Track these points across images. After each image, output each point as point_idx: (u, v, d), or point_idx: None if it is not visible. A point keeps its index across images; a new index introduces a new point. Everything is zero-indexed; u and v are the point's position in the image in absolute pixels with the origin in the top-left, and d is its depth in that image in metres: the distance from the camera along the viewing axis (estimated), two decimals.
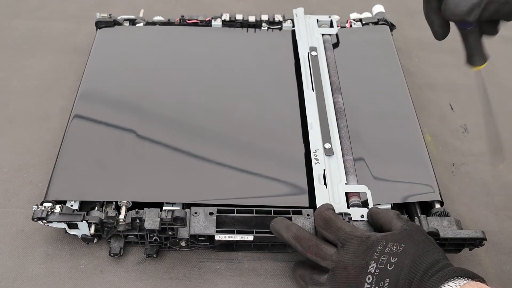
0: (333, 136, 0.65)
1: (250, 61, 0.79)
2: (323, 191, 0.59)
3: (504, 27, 0.56)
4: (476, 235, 0.56)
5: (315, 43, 0.79)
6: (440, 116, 0.80)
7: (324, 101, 0.70)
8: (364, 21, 0.86)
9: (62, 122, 0.71)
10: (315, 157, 0.62)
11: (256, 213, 0.57)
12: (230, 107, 0.71)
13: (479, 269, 0.60)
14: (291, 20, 0.85)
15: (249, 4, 0.99)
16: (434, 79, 0.86)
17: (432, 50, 0.92)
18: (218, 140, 0.66)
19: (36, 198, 0.64)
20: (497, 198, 0.68)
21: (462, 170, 0.72)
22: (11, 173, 0.68)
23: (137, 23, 0.84)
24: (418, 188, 0.62)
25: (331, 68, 0.76)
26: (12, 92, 0.79)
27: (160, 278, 0.58)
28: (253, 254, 0.61)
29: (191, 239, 0.57)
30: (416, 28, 0.96)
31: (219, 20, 0.84)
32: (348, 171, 0.62)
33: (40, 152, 0.70)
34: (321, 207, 0.55)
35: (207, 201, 0.59)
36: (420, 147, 0.67)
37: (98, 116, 0.69)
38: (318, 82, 0.72)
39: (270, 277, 0.59)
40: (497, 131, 0.61)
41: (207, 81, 0.74)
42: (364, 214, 0.57)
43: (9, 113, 0.76)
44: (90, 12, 0.92)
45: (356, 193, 0.60)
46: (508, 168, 0.72)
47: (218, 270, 0.59)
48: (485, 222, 0.66)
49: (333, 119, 0.67)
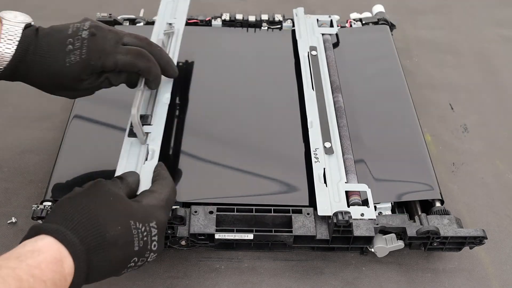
0: (333, 135, 0.65)
1: (250, 60, 0.79)
2: (323, 190, 0.59)
3: (504, 27, 0.56)
4: (477, 234, 0.56)
5: (315, 43, 0.79)
6: (440, 116, 0.80)
7: (324, 100, 0.70)
8: (364, 21, 0.86)
9: (62, 122, 0.71)
10: (315, 156, 0.62)
11: (256, 212, 0.57)
12: (230, 106, 0.71)
13: (480, 268, 0.61)
14: (291, 20, 0.85)
15: (249, 4, 0.99)
16: (434, 79, 0.86)
17: (432, 50, 0.92)
18: (218, 139, 0.66)
19: (36, 197, 0.64)
20: (497, 198, 0.68)
21: (462, 169, 0.72)
22: (11, 172, 0.68)
23: (137, 23, 0.84)
24: (418, 187, 0.62)
25: (331, 68, 0.76)
26: (12, 92, 0.79)
27: (160, 277, 0.58)
28: (253, 253, 0.61)
29: (191, 238, 0.57)
30: (416, 28, 0.96)
31: (219, 20, 0.84)
32: (348, 169, 0.62)
33: (40, 152, 0.70)
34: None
35: (206, 200, 0.59)
36: (420, 147, 0.67)
37: (98, 116, 0.69)
38: (318, 82, 0.72)
39: (270, 276, 0.59)
40: None
41: (207, 81, 0.74)
42: (364, 213, 0.57)
43: (9, 113, 0.76)
44: (90, 12, 0.92)
45: (356, 192, 0.60)
46: (508, 168, 0.72)
47: (218, 269, 0.59)
48: (485, 221, 0.66)
49: (333, 118, 0.67)
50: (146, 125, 0.60)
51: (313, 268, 0.60)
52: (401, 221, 0.58)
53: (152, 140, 0.59)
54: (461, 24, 0.98)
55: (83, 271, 0.42)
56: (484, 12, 1.00)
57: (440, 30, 0.96)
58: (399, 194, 0.61)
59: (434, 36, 0.95)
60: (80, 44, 0.54)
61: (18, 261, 0.39)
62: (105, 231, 0.43)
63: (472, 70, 0.88)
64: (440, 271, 0.60)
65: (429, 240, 0.57)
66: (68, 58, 0.54)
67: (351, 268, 0.60)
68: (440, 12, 1.01)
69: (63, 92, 0.58)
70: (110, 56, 0.55)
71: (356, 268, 0.60)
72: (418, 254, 0.61)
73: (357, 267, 0.60)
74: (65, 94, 0.58)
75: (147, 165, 0.56)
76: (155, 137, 0.59)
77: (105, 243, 0.43)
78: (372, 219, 0.56)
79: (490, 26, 0.97)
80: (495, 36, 0.95)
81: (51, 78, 0.55)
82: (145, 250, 0.46)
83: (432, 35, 0.95)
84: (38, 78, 0.55)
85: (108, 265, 0.44)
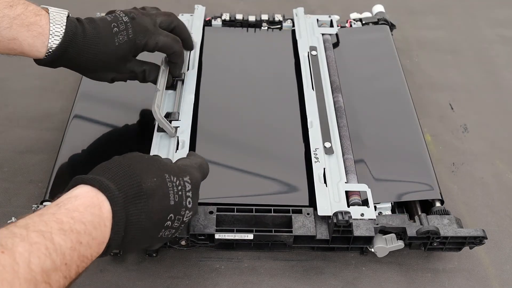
0: (333, 135, 0.65)
1: (250, 60, 0.79)
2: (323, 190, 0.59)
3: (504, 27, 0.56)
4: (477, 234, 0.56)
5: (315, 43, 0.79)
6: (440, 116, 0.80)
7: (324, 100, 0.70)
8: (364, 21, 0.86)
9: (62, 122, 0.71)
10: (315, 156, 0.62)
11: (256, 212, 0.57)
12: (229, 106, 0.71)
13: (480, 268, 0.60)
14: (291, 20, 0.85)
15: (249, 4, 0.99)
16: (434, 79, 0.86)
17: (432, 50, 0.92)
18: (218, 139, 0.67)
19: (36, 197, 0.64)
20: (497, 198, 0.68)
21: (462, 169, 0.72)
22: (11, 172, 0.68)
23: None
24: (418, 187, 0.62)
25: (331, 68, 0.76)
26: (12, 92, 0.79)
27: (160, 277, 0.58)
28: (253, 253, 0.60)
29: (191, 238, 0.57)
30: (416, 28, 0.96)
31: (219, 20, 0.85)
32: (348, 170, 0.62)
33: (40, 152, 0.70)
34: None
35: (206, 200, 0.59)
36: (420, 147, 0.67)
37: (98, 116, 0.69)
38: (318, 82, 0.72)
39: (270, 276, 0.59)
40: None
41: (207, 81, 0.74)
42: (364, 213, 0.57)
43: (9, 113, 0.76)
44: (90, 12, 0.92)
45: (356, 192, 0.60)
46: (508, 168, 0.72)
47: (218, 269, 0.59)
48: (485, 221, 0.66)
49: (333, 118, 0.68)
50: (175, 121, 0.64)
51: (313, 268, 0.60)
52: (401, 221, 0.58)
53: (181, 132, 0.63)
54: (461, 24, 0.98)
55: (121, 219, 0.42)
56: (484, 12, 1.00)
57: (440, 30, 0.96)
58: (399, 194, 0.61)
59: (434, 36, 0.95)
60: (125, 26, 0.59)
61: (57, 207, 0.40)
62: (141, 181, 0.44)
63: (472, 70, 0.88)
64: (440, 271, 0.60)
65: (429, 240, 0.57)
66: (117, 38, 0.58)
67: (351, 268, 0.60)
68: (440, 12, 1.01)
69: (106, 74, 0.62)
70: (153, 36, 0.61)
71: (356, 268, 0.60)
72: (418, 254, 0.61)
73: (357, 267, 0.60)
74: (106, 77, 0.62)
75: (179, 154, 0.59)
76: (184, 129, 0.63)
77: (142, 193, 0.44)
78: (372, 219, 0.56)
79: (490, 26, 0.97)
80: (495, 36, 0.95)
81: (100, 58, 0.59)
82: (181, 206, 0.47)
83: (432, 35, 0.95)
84: (86, 59, 0.58)
85: (145, 219, 0.44)
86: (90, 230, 0.40)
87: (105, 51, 0.58)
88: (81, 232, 0.39)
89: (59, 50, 0.56)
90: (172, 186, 0.46)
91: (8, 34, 0.54)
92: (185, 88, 0.69)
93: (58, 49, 0.56)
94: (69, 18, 0.57)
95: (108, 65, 0.60)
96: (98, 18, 0.60)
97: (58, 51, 0.56)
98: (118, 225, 0.42)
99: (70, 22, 0.57)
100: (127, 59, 0.61)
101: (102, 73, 0.62)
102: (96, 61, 0.59)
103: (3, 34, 0.54)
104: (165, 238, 0.48)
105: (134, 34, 0.59)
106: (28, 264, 0.35)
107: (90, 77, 0.63)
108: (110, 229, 0.42)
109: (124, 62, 0.61)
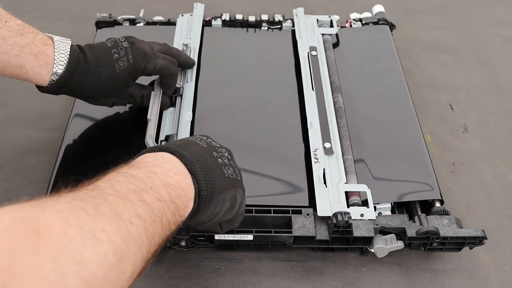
0: (333, 135, 0.65)
1: (250, 61, 0.79)
2: (323, 191, 0.59)
3: (504, 27, 0.56)
4: (477, 234, 0.56)
5: (315, 43, 0.79)
6: (440, 116, 0.80)
7: (324, 100, 0.70)
8: (364, 21, 0.86)
9: (62, 122, 0.71)
10: (315, 156, 0.62)
11: (255, 212, 0.57)
12: (229, 106, 0.71)
13: (479, 269, 0.61)
14: (291, 20, 0.85)
15: (249, 4, 0.99)
16: (434, 79, 0.86)
17: (432, 50, 0.92)
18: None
19: (36, 198, 0.64)
20: (497, 198, 0.68)
21: (462, 169, 0.72)
22: (11, 172, 0.68)
23: (137, 23, 0.84)
24: (418, 187, 0.62)
25: (331, 68, 0.76)
26: (12, 92, 0.79)
27: (161, 277, 0.58)
28: (253, 253, 0.61)
29: (191, 239, 0.57)
30: (416, 28, 0.96)
31: (219, 20, 0.84)
32: (348, 170, 0.62)
33: (40, 152, 0.70)
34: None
35: None
36: (420, 147, 0.67)
37: (98, 115, 0.69)
38: (318, 82, 0.72)
39: (270, 276, 0.59)
40: None
41: (206, 81, 0.74)
42: (364, 213, 0.57)
43: (9, 113, 0.76)
44: (90, 12, 0.92)
45: (356, 192, 0.60)
46: (508, 168, 0.72)
47: (218, 270, 0.59)
48: (485, 221, 0.66)
49: (333, 119, 0.67)
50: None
51: (313, 269, 0.60)
52: (401, 221, 0.58)
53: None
54: (461, 24, 0.98)
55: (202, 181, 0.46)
56: (484, 12, 1.00)
57: (440, 30, 0.96)
58: (399, 194, 0.61)
59: (434, 36, 0.95)
60: (125, 52, 0.60)
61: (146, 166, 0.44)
62: (205, 157, 0.47)
63: (472, 70, 0.88)
64: (440, 271, 0.60)
65: (429, 241, 0.57)
66: (118, 64, 0.60)
67: (351, 269, 0.60)
68: (440, 12, 1.01)
69: (107, 99, 0.63)
70: (152, 60, 0.62)
71: (356, 269, 0.60)
72: (418, 255, 0.61)
73: (357, 268, 0.60)
74: (106, 102, 0.63)
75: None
76: None
77: (207, 167, 0.47)
78: (371, 220, 0.56)
79: (490, 26, 0.97)
80: (495, 36, 0.95)
81: (102, 85, 0.60)
82: (238, 182, 0.50)
83: (432, 35, 0.95)
84: (88, 86, 0.59)
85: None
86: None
87: (107, 78, 0.59)
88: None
89: (62, 79, 0.57)
90: (223, 163, 0.50)
91: (16, 61, 0.55)
92: (183, 104, 0.68)
93: (62, 78, 0.57)
94: (72, 47, 0.58)
95: (109, 91, 0.61)
96: (98, 44, 0.61)
97: (61, 79, 0.57)
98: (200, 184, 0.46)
99: (73, 51, 0.58)
100: (128, 84, 0.62)
101: (105, 98, 0.63)
102: (97, 88, 0.60)
103: (11, 61, 0.55)
104: (232, 179, 0.49)
105: (134, 59, 0.60)
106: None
107: (92, 103, 0.63)
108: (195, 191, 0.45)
109: (125, 87, 0.62)
